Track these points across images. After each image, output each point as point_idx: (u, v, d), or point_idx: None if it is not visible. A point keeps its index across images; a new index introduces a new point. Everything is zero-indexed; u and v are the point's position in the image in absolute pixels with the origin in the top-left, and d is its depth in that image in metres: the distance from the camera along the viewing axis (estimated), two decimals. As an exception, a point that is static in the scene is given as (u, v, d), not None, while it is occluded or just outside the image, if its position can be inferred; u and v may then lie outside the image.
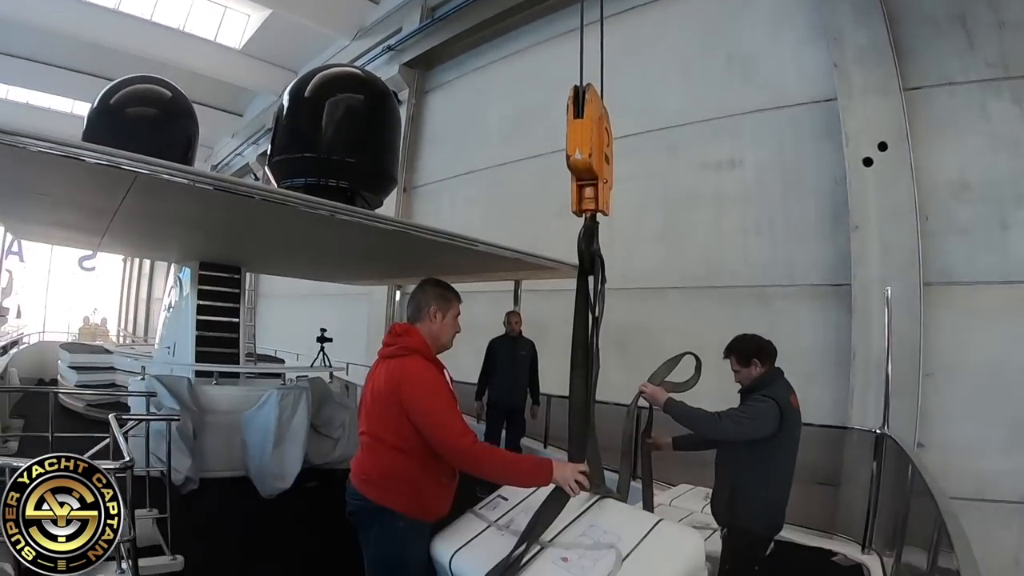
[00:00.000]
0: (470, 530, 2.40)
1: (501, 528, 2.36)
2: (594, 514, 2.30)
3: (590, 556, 2.04)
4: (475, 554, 2.25)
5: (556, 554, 2.10)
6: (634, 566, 2.00)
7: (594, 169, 2.27)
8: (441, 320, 2.57)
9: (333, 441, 6.25)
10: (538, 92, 9.16)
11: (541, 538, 2.15)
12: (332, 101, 5.33)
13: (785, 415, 2.91)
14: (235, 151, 19.03)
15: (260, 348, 13.36)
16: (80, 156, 2.89)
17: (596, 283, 2.33)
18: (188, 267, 6.86)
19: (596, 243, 2.36)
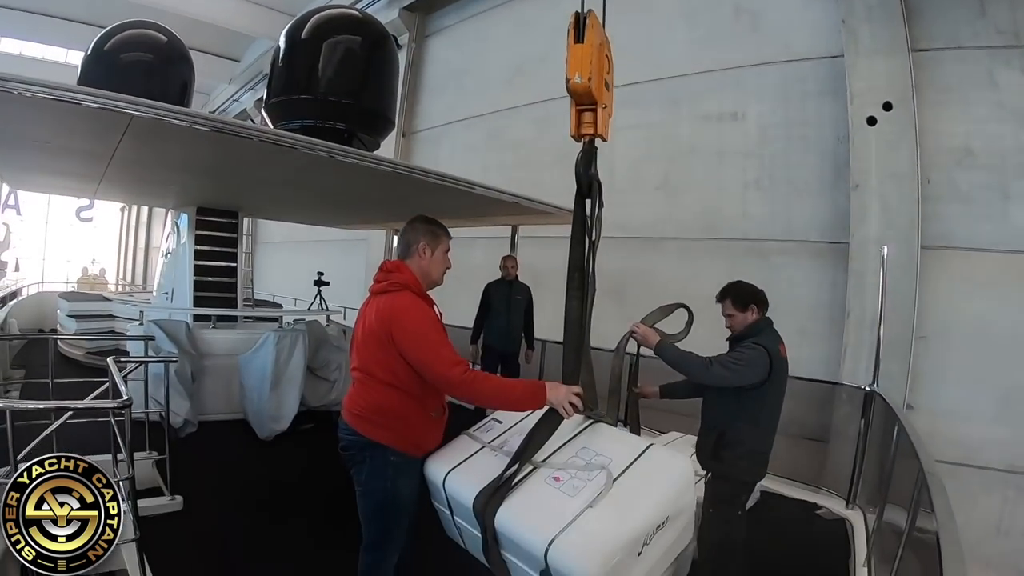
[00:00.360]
0: (464, 451, 2.43)
1: (495, 449, 2.38)
2: (586, 437, 2.33)
3: (582, 476, 2.08)
4: (468, 474, 2.28)
5: (548, 474, 2.14)
6: (625, 486, 2.04)
7: (593, 94, 2.25)
8: (431, 256, 2.58)
9: (330, 383, 6.35)
10: (540, 38, 9.00)
11: (533, 459, 2.19)
12: (329, 43, 5.23)
13: (774, 363, 2.93)
14: (232, 97, 18.75)
15: (258, 294, 13.41)
16: (75, 100, 2.86)
17: (593, 207, 2.34)
18: (186, 213, 6.84)
19: (594, 168, 2.35)
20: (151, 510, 3.82)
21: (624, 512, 1.97)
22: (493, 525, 2.06)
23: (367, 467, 2.50)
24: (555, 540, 1.88)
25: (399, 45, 10.79)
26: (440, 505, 2.44)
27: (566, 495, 2.03)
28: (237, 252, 7.08)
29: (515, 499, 2.08)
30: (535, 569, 1.96)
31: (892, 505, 3.82)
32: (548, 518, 1.95)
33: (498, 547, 2.10)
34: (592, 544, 1.87)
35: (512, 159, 9.47)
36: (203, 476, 4.65)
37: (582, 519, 1.93)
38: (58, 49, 17.34)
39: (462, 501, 2.21)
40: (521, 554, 2.02)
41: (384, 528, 2.55)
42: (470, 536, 2.32)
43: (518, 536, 2.01)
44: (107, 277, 25.36)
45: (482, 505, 2.08)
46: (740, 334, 3.11)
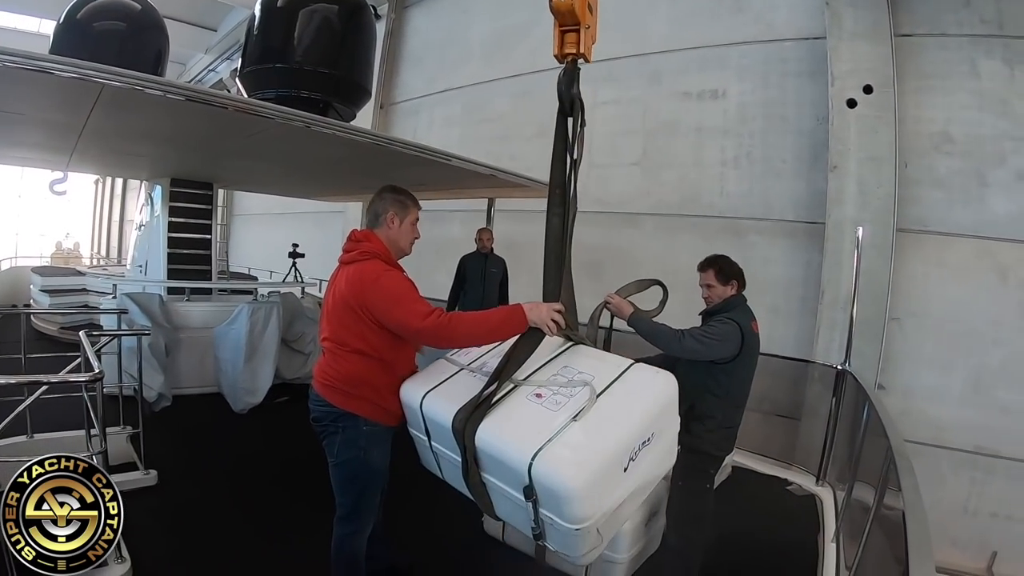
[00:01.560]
0: (441, 374, 2.37)
1: (473, 371, 2.33)
2: (567, 357, 2.29)
3: (564, 392, 2.05)
4: (447, 396, 2.22)
5: (529, 391, 2.10)
6: (609, 402, 2.01)
7: (577, 13, 2.24)
8: (399, 226, 2.59)
9: (304, 356, 6.36)
10: (522, 11, 8.89)
11: (514, 377, 2.15)
12: (306, 11, 5.15)
13: (746, 339, 2.95)
14: (208, 67, 18.32)
15: (235, 267, 13.26)
16: (46, 69, 2.78)
17: (575, 125, 2.33)
18: (159, 184, 6.73)
19: (576, 87, 2.34)
20: (125, 485, 3.75)
21: (609, 425, 1.93)
22: (473, 444, 2.01)
23: (340, 437, 2.51)
24: (539, 453, 1.83)
25: (378, 16, 10.59)
26: (417, 431, 2.40)
27: (548, 410, 1.98)
28: (211, 224, 7.00)
29: (496, 416, 2.04)
30: (517, 486, 1.90)
31: (861, 483, 3.89)
32: (531, 432, 1.90)
33: (478, 468, 2.06)
34: (577, 455, 1.83)
35: (490, 132, 9.40)
36: (178, 450, 4.65)
37: (566, 432, 1.88)
38: (31, 18, 16.82)
39: (440, 422, 2.16)
40: (502, 472, 1.97)
41: (358, 498, 2.57)
42: (448, 463, 2.27)
43: (499, 452, 1.95)
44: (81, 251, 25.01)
45: (461, 423, 2.03)
46: (714, 308, 3.13)
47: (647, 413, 2.06)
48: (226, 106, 3.56)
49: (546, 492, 1.83)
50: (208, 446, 4.94)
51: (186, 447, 4.84)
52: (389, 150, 4.44)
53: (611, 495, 1.92)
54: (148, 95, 3.14)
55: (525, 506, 1.92)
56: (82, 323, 8.20)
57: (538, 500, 1.86)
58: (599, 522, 1.89)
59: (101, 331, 4.83)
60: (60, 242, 24.50)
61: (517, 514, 2.02)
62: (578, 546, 1.92)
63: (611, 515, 1.95)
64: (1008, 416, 5.35)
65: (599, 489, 1.86)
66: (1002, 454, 5.36)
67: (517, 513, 2.02)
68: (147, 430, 4.20)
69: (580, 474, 1.80)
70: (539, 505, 1.88)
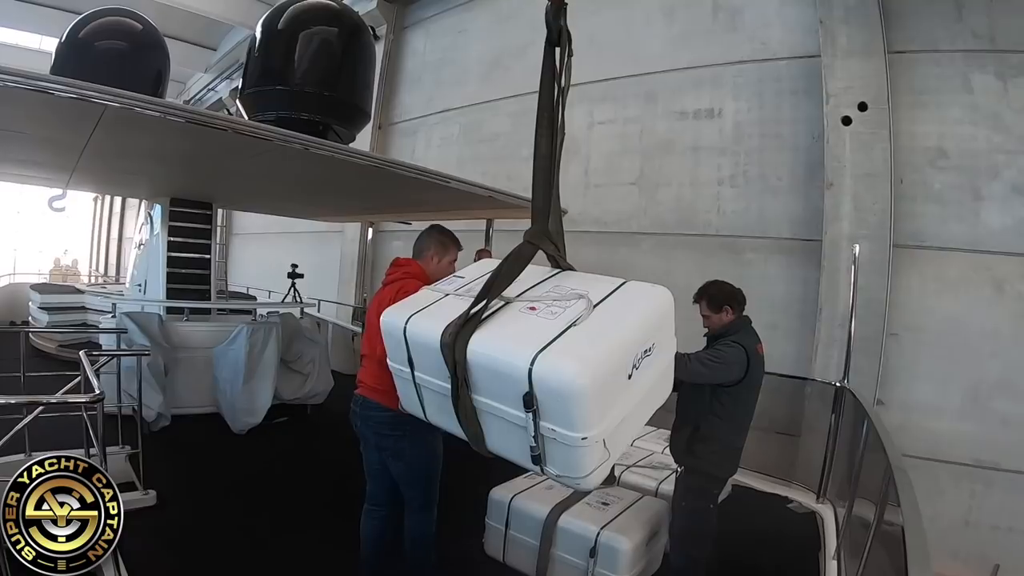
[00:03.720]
0: (426, 300, 2.25)
1: (460, 294, 2.19)
2: (558, 279, 2.21)
3: (560, 304, 1.94)
4: (433, 317, 2.07)
5: (521, 306, 2.00)
6: (606, 310, 1.93)
7: None
8: (437, 263, 2.99)
9: (303, 377, 6.33)
10: (519, 32, 8.94)
11: (504, 295, 2.06)
12: (306, 34, 5.20)
13: (751, 362, 2.98)
14: (208, 86, 18.44)
15: (233, 286, 13.28)
16: (48, 89, 2.80)
17: (563, 54, 2.31)
18: (159, 204, 6.74)
19: (563, 20, 2.31)
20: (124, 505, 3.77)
21: (610, 328, 1.85)
22: (464, 358, 1.88)
23: (407, 439, 2.81)
24: (539, 355, 1.71)
25: (377, 36, 10.69)
26: (398, 364, 2.23)
27: (545, 319, 1.87)
28: (211, 244, 6.99)
29: (488, 328, 1.91)
30: (515, 399, 1.77)
31: (861, 499, 3.87)
32: (528, 338, 1.78)
33: (468, 390, 1.93)
34: (582, 352, 1.72)
35: (488, 152, 9.43)
36: (177, 470, 4.64)
37: (566, 336, 1.78)
38: (32, 35, 16.93)
39: (426, 342, 2.00)
40: (497, 386, 1.84)
41: (429, 487, 2.96)
42: (433, 395, 2.13)
43: (495, 361, 1.82)
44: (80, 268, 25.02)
45: (451, 337, 1.89)
46: (717, 332, 3.15)
47: (647, 320, 2.00)
48: (225, 128, 3.59)
49: (550, 394, 1.71)
50: (207, 466, 4.93)
51: (185, 467, 4.83)
52: (388, 172, 4.47)
53: (617, 402, 1.84)
54: (148, 116, 3.18)
55: (523, 423, 1.79)
56: (81, 341, 8.19)
57: (539, 410, 1.75)
58: (606, 431, 1.79)
59: (101, 351, 4.83)
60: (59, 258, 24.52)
61: (512, 440, 1.89)
62: (583, 462, 1.79)
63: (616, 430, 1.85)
64: (1007, 428, 5.33)
65: (605, 390, 1.75)
66: (1001, 466, 5.34)
67: (512, 439, 1.88)
68: (146, 450, 4.20)
69: (586, 370, 1.68)
70: (540, 416, 1.75)
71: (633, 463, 4.43)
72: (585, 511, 3.43)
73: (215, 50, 18.18)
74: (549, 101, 2.31)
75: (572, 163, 7.75)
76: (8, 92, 2.71)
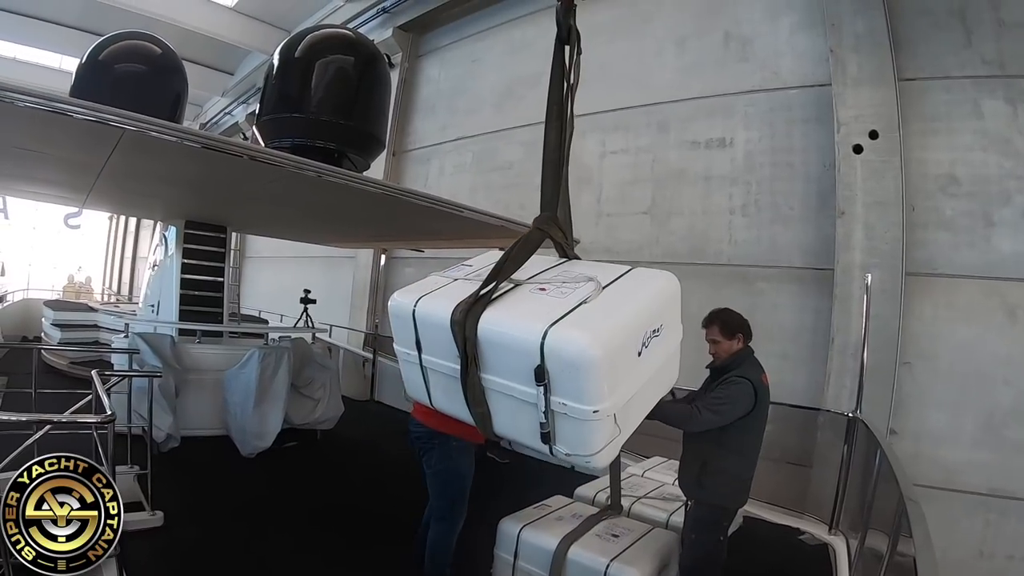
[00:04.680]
0: (435, 284, 2.26)
1: (469, 279, 2.21)
2: (566, 266, 2.24)
3: (569, 286, 1.97)
4: (443, 297, 2.09)
5: (531, 287, 2.03)
6: (615, 291, 1.96)
7: None
8: None
9: (314, 402, 6.31)
10: (532, 61, 8.99)
11: (513, 278, 2.09)
12: (322, 62, 5.29)
13: (759, 394, 2.96)
14: (224, 110, 18.72)
15: (245, 309, 13.35)
16: (68, 112, 2.87)
17: (572, 52, 2.41)
18: (174, 226, 6.81)
19: (573, 19, 2.44)
20: (131, 525, 3.75)
21: (620, 306, 1.87)
22: (475, 334, 1.89)
23: (436, 452, 3.17)
24: (551, 328, 1.73)
25: (392, 64, 10.84)
26: (404, 348, 2.23)
27: (555, 299, 1.90)
28: (224, 267, 7.04)
29: (498, 307, 1.93)
30: (525, 374, 1.78)
31: (875, 530, 3.83)
32: (539, 315, 1.80)
33: (477, 368, 1.94)
34: (594, 325, 1.74)
35: (501, 180, 9.49)
36: (185, 492, 4.64)
37: (578, 311, 1.80)
38: (52, 55, 17.27)
39: (436, 321, 2.02)
40: (508, 361, 1.85)
41: (452, 500, 3.23)
42: (440, 378, 2.13)
43: (506, 336, 1.84)
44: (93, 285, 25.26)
45: (462, 314, 1.91)
46: (722, 364, 3.13)
47: (655, 301, 2.05)
48: (241, 154, 3.65)
49: (562, 366, 1.72)
50: (215, 489, 4.93)
51: (193, 489, 4.83)
52: (401, 201, 4.51)
53: (627, 378, 1.85)
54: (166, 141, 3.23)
55: (534, 400, 1.80)
56: (93, 359, 8.25)
57: (550, 385, 1.75)
58: (616, 406, 1.79)
59: (113, 370, 4.86)
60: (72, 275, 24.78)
61: (521, 420, 1.89)
62: (593, 438, 1.79)
63: (625, 407, 1.86)
64: (1022, 456, 5.25)
65: (616, 363, 1.76)
66: (1017, 495, 5.24)
67: (521, 418, 1.89)
68: (155, 470, 4.19)
69: (598, 341, 1.70)
70: (551, 391, 1.76)
71: (643, 494, 4.38)
72: (594, 543, 3.39)
73: (232, 74, 18.48)
74: (558, 95, 2.41)
75: (584, 192, 7.78)
76: (28, 113, 2.77)
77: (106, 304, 15.36)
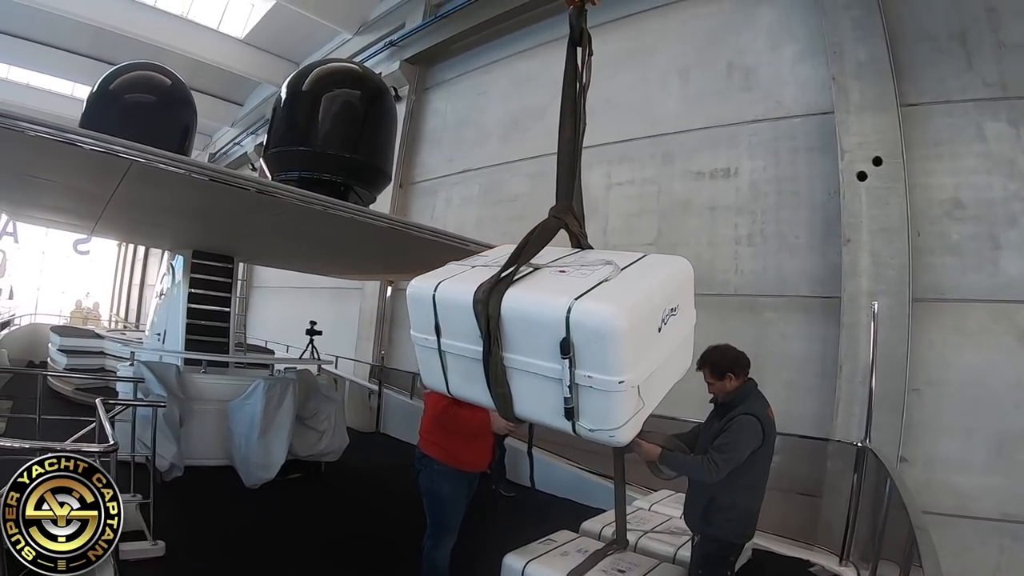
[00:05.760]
0: (453, 271, 2.26)
1: (488, 266, 2.20)
2: (582, 254, 2.27)
3: (588, 268, 1.98)
4: (463, 281, 2.09)
5: (551, 270, 2.06)
6: (632, 272, 1.99)
7: None
8: None
9: (319, 433, 6.28)
10: (537, 94, 9.16)
11: (532, 263, 2.11)
12: (328, 96, 5.37)
13: (766, 429, 2.94)
14: (234, 140, 18.97)
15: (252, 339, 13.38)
16: (77, 142, 2.91)
17: (584, 54, 2.45)
18: (181, 255, 6.84)
19: (584, 22, 2.48)
20: (133, 554, 3.75)
21: (640, 282, 1.92)
22: (498, 313, 1.89)
23: (423, 474, 3.41)
24: (576, 302, 1.76)
25: (399, 97, 11.00)
26: (423, 333, 2.21)
27: (576, 279, 1.92)
28: (231, 297, 7.08)
29: (521, 286, 1.96)
30: (550, 350, 1.79)
31: (886, 560, 3.77)
32: (563, 291, 1.83)
33: (500, 347, 1.93)
34: (618, 297, 1.78)
35: (507, 212, 9.53)
36: (187, 522, 4.62)
37: (600, 287, 1.83)
38: (65, 82, 17.60)
39: (458, 302, 2.02)
40: (531, 338, 1.86)
41: (436, 520, 3.41)
42: (459, 362, 2.13)
43: (530, 312, 1.85)
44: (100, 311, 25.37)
45: (485, 294, 1.91)
46: (725, 401, 3.11)
47: (671, 281, 2.09)
48: (248, 187, 3.69)
49: (588, 336, 1.73)
50: (218, 520, 4.89)
51: (195, 519, 4.79)
52: (407, 234, 4.54)
53: (649, 351, 1.87)
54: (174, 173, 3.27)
55: (558, 376, 1.81)
56: (98, 386, 8.26)
57: (575, 357, 1.76)
58: (640, 378, 1.81)
59: (118, 398, 4.87)
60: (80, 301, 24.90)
61: (544, 399, 1.90)
62: (618, 410, 1.80)
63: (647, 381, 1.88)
64: (1035, 480, 5.18)
65: (640, 334, 1.80)
66: (1030, 519, 5.17)
67: (544, 397, 1.89)
68: (157, 500, 4.17)
69: (623, 311, 1.73)
70: (576, 364, 1.77)
71: (650, 528, 4.31)
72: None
73: (242, 105, 18.76)
74: (572, 92, 2.45)
75: (591, 223, 7.57)
76: (39, 142, 2.81)
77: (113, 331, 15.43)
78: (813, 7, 6.65)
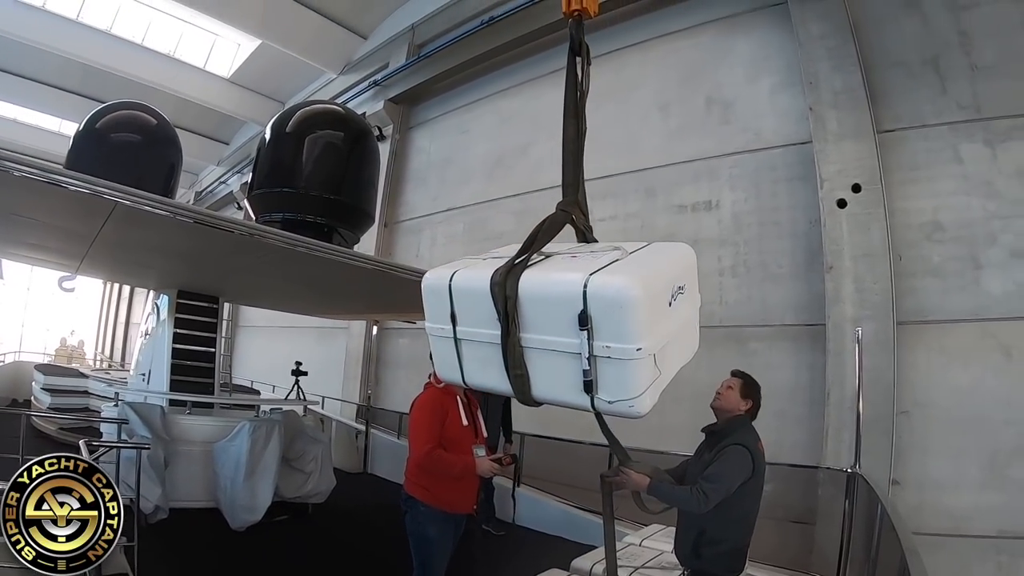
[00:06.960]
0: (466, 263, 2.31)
1: (500, 257, 2.23)
2: (590, 245, 2.33)
3: (598, 253, 2.05)
4: (477, 268, 2.15)
5: (563, 255, 2.12)
6: (640, 255, 2.04)
7: None
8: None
9: (305, 475, 6.21)
10: (521, 132, 9.28)
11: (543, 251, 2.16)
12: (312, 138, 5.41)
13: (756, 461, 2.94)
14: (220, 179, 18.99)
15: (237, 378, 13.24)
16: (62, 183, 2.92)
17: (583, 63, 2.53)
18: (166, 294, 6.82)
19: (582, 33, 2.56)
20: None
21: (649, 261, 1.99)
22: (516, 293, 1.96)
23: (408, 515, 3.42)
24: (592, 276, 1.82)
25: (383, 136, 11.10)
26: (438, 324, 2.26)
27: (588, 261, 1.97)
28: (216, 338, 7.03)
29: (536, 269, 2.02)
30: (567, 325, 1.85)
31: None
32: (578, 269, 1.89)
33: (517, 328, 1.98)
34: (632, 271, 1.85)
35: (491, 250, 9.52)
36: (172, 565, 4.56)
37: (612, 265, 1.90)
38: (53, 118, 17.64)
39: (475, 287, 2.07)
40: (548, 315, 1.91)
41: (422, 561, 3.40)
42: (475, 348, 2.18)
43: (548, 290, 1.92)
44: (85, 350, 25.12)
45: (502, 276, 1.98)
46: (717, 428, 3.12)
47: (677, 263, 2.14)
48: (232, 230, 3.69)
49: (605, 307, 1.79)
50: (204, 563, 4.83)
51: (181, 562, 4.72)
52: (391, 276, 4.55)
53: (662, 323, 1.91)
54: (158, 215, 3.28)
55: (575, 350, 1.85)
56: (82, 426, 8.15)
57: (592, 329, 1.81)
58: (656, 346, 1.85)
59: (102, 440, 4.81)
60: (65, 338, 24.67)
61: (561, 377, 1.94)
62: (637, 379, 1.84)
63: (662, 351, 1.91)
64: (1029, 495, 5.18)
65: (653, 305, 1.85)
66: (1027, 535, 5.15)
67: (562, 375, 1.94)
68: (142, 543, 4.08)
69: (638, 281, 1.80)
70: (594, 335, 1.82)
71: (641, 564, 4.27)
72: (591, 617, 3.30)
73: (228, 144, 18.85)
74: (573, 96, 2.54)
75: None
76: (24, 182, 2.82)
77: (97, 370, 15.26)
78: (788, 38, 6.80)
